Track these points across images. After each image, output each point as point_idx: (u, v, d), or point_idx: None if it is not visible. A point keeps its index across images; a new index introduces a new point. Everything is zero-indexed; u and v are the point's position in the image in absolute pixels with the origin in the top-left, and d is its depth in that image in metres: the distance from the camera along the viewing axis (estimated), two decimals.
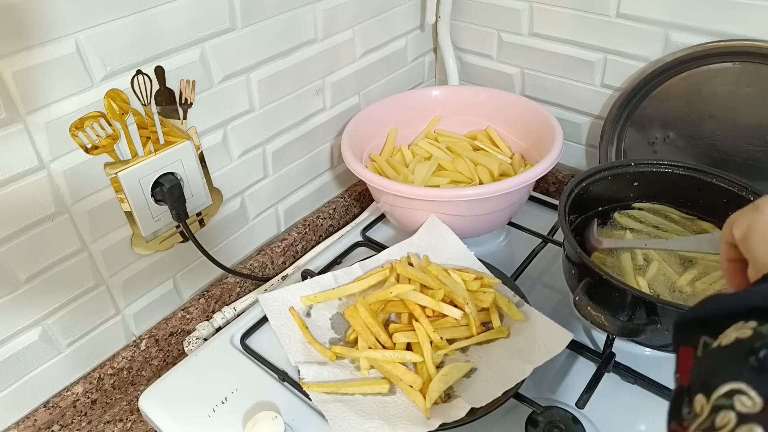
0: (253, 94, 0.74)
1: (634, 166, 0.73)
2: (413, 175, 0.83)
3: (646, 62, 0.79)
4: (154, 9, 0.59)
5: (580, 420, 0.57)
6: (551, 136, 0.78)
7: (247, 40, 0.70)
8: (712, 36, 0.72)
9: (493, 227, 0.82)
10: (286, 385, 0.65)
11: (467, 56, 0.99)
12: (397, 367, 0.61)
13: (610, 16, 0.79)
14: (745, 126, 0.73)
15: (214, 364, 0.68)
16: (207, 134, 0.71)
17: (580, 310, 0.57)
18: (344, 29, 0.83)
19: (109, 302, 0.68)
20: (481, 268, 0.72)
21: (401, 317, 0.67)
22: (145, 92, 0.62)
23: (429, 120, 0.95)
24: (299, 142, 0.84)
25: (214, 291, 0.80)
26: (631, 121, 0.82)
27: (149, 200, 0.65)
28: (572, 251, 0.62)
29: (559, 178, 0.96)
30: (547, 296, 0.76)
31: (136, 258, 0.69)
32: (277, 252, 0.87)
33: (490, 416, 0.57)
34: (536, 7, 0.86)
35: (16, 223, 0.56)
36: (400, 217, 0.80)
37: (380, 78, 0.94)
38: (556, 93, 0.91)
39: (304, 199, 0.90)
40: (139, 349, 0.73)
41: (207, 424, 0.61)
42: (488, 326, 0.66)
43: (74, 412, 0.68)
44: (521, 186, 0.72)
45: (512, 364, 0.60)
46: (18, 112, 0.53)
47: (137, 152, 0.63)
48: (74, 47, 0.55)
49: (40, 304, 0.61)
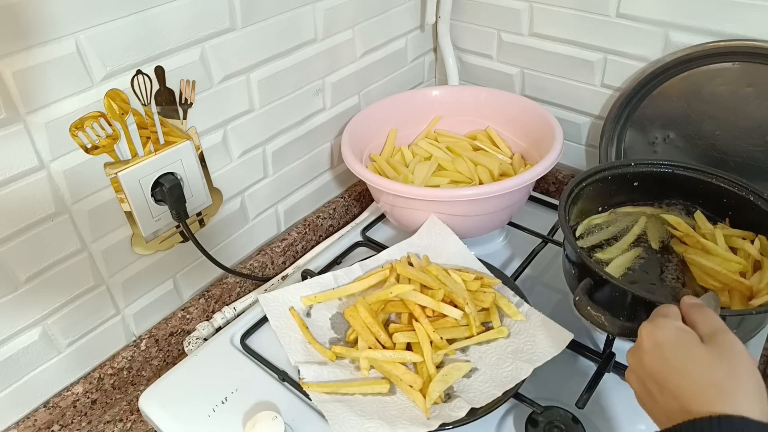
0: (253, 94, 0.74)
1: (634, 166, 0.73)
2: (413, 175, 0.83)
3: (646, 62, 0.79)
4: (154, 9, 0.59)
5: (580, 420, 0.57)
6: (551, 136, 0.78)
7: (247, 40, 0.70)
8: (712, 36, 0.72)
9: (493, 227, 0.82)
10: (286, 385, 0.65)
11: (467, 56, 0.99)
12: (397, 367, 0.61)
13: (610, 16, 0.79)
14: (745, 126, 0.73)
15: (214, 364, 0.68)
16: (207, 134, 0.71)
17: (580, 310, 0.57)
18: (344, 29, 0.83)
19: (109, 302, 0.68)
20: (481, 268, 0.72)
21: (401, 317, 0.67)
22: (145, 92, 0.62)
23: (429, 120, 0.95)
24: (299, 142, 0.84)
25: (214, 291, 0.80)
26: (631, 121, 0.82)
27: (149, 200, 0.65)
28: (572, 251, 0.62)
29: (559, 178, 0.96)
30: (547, 296, 0.76)
31: (136, 258, 0.69)
32: (277, 252, 0.87)
33: (490, 416, 0.57)
34: (536, 7, 0.86)
35: (16, 223, 0.56)
36: (400, 217, 0.80)
37: (380, 78, 0.94)
38: (556, 93, 0.91)
39: (304, 199, 0.90)
40: (139, 349, 0.73)
41: (207, 424, 0.61)
42: (488, 326, 0.66)
43: (74, 412, 0.68)
44: (521, 186, 0.72)
45: (512, 364, 0.60)
46: (18, 112, 0.53)
47: (137, 152, 0.63)
48: (74, 47, 0.55)
49: (40, 304, 0.61)
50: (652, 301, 0.56)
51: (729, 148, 0.75)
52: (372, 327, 0.64)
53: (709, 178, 0.70)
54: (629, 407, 0.62)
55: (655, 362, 0.42)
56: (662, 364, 0.41)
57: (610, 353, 0.63)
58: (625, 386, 0.63)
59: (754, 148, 0.73)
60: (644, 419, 0.60)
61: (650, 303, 0.56)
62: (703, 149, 0.78)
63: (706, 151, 0.77)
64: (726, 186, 0.69)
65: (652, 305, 0.56)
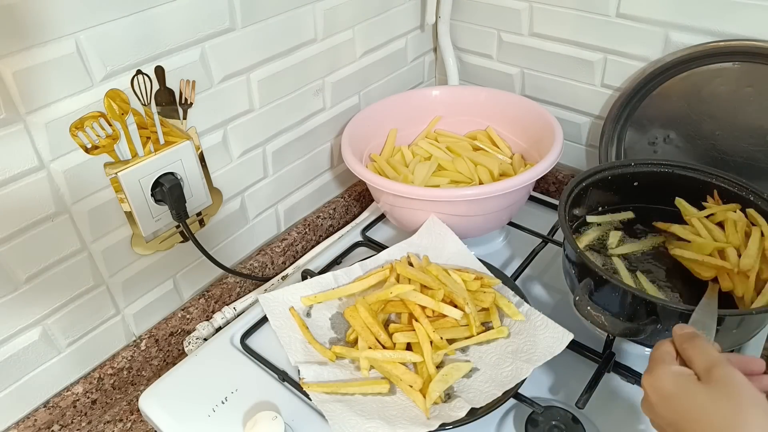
0: (253, 94, 0.74)
1: (634, 166, 0.73)
2: (413, 175, 0.83)
3: (646, 62, 0.79)
4: (154, 9, 0.59)
5: (580, 420, 0.57)
6: (551, 136, 0.78)
7: (247, 40, 0.70)
8: (712, 36, 0.72)
9: (493, 227, 0.82)
10: (286, 385, 0.65)
11: (467, 56, 0.99)
12: (397, 367, 0.61)
13: (610, 16, 0.79)
14: (745, 126, 0.73)
15: (214, 364, 0.68)
16: (207, 134, 0.71)
17: (580, 310, 0.57)
18: (344, 29, 0.83)
19: (109, 302, 0.68)
20: (481, 268, 0.72)
21: (401, 317, 0.67)
22: (145, 92, 0.62)
23: (429, 120, 0.95)
24: (299, 142, 0.84)
25: (214, 291, 0.80)
26: (631, 121, 0.82)
27: (149, 200, 0.65)
28: (572, 251, 0.62)
29: (559, 178, 0.96)
30: (547, 296, 0.76)
31: (136, 258, 0.69)
32: (277, 252, 0.87)
33: (490, 416, 0.57)
34: (536, 7, 0.86)
35: (16, 223, 0.56)
36: (400, 217, 0.80)
37: (380, 78, 0.94)
38: (556, 93, 0.91)
39: (304, 199, 0.90)
40: (139, 349, 0.73)
41: (207, 424, 0.61)
42: (488, 326, 0.65)
43: (74, 412, 0.68)
44: (521, 186, 0.72)
45: (512, 364, 0.60)
46: (18, 112, 0.53)
47: (137, 152, 0.63)
48: (74, 47, 0.55)
49: (40, 304, 0.61)
50: (652, 301, 0.56)
51: (729, 148, 0.75)
52: (372, 327, 0.64)
53: (709, 178, 0.70)
54: (629, 407, 0.62)
55: (666, 413, 0.43)
56: (673, 414, 0.42)
57: (610, 353, 0.63)
58: (625, 386, 0.64)
59: (754, 148, 0.73)
60: (644, 419, 0.60)
61: (650, 303, 0.56)
62: (703, 149, 0.78)
63: (706, 151, 0.77)
64: (726, 186, 0.69)
65: (653, 305, 0.56)
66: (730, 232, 0.65)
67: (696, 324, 0.51)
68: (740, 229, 0.64)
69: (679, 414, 0.41)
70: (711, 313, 0.52)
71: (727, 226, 0.66)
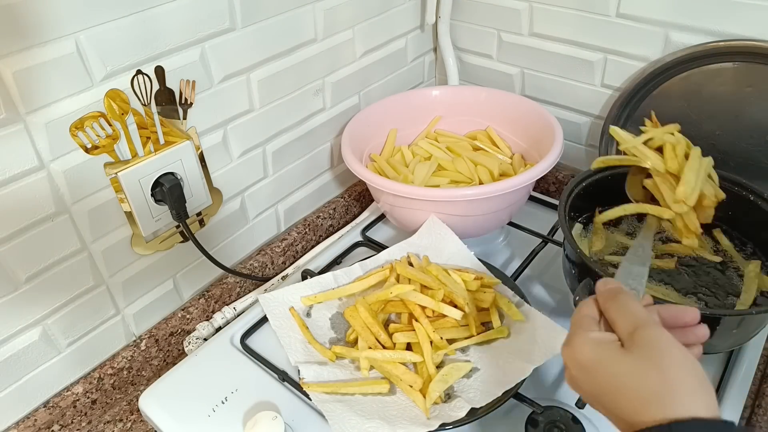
0: (253, 94, 0.74)
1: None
2: (413, 175, 0.83)
3: (646, 62, 0.79)
4: (154, 9, 0.59)
5: (580, 420, 0.57)
6: (551, 136, 0.78)
7: (247, 40, 0.70)
8: (712, 36, 0.72)
9: (493, 227, 0.82)
10: (286, 385, 0.65)
11: (467, 56, 0.99)
12: (397, 367, 0.61)
13: (610, 16, 0.79)
14: (745, 126, 0.73)
15: (214, 364, 0.68)
16: (207, 134, 0.71)
17: None
18: (344, 29, 0.83)
19: (109, 302, 0.68)
20: (481, 268, 0.72)
21: (401, 317, 0.67)
22: (145, 92, 0.62)
23: (429, 120, 0.95)
24: (299, 142, 0.84)
25: (214, 291, 0.80)
26: (631, 121, 0.82)
27: (149, 200, 0.65)
28: (572, 251, 0.62)
29: (559, 178, 0.96)
30: (547, 296, 0.76)
31: (136, 258, 0.69)
32: (277, 252, 0.87)
33: (490, 416, 0.57)
34: (536, 7, 0.86)
35: (16, 223, 0.56)
36: (400, 217, 0.80)
37: (380, 78, 0.94)
38: (556, 93, 0.91)
39: (304, 199, 0.90)
40: (139, 349, 0.73)
41: (207, 424, 0.61)
42: (488, 326, 0.66)
43: (74, 412, 0.68)
44: (521, 186, 0.72)
45: (512, 364, 0.60)
46: (18, 112, 0.53)
47: (137, 152, 0.63)
48: (74, 47, 0.55)
49: (40, 304, 0.61)
50: None
51: (729, 148, 0.75)
52: (372, 327, 0.64)
53: None
54: None
55: (588, 386, 0.39)
56: (594, 386, 0.38)
57: None
58: None
59: (754, 148, 0.73)
60: None
61: None
62: (703, 149, 0.77)
63: (706, 151, 0.77)
64: (726, 186, 0.68)
65: None
66: (669, 157, 0.60)
67: (623, 274, 0.44)
68: (679, 153, 0.59)
69: (601, 386, 0.37)
70: (642, 258, 0.45)
71: (666, 151, 0.60)
